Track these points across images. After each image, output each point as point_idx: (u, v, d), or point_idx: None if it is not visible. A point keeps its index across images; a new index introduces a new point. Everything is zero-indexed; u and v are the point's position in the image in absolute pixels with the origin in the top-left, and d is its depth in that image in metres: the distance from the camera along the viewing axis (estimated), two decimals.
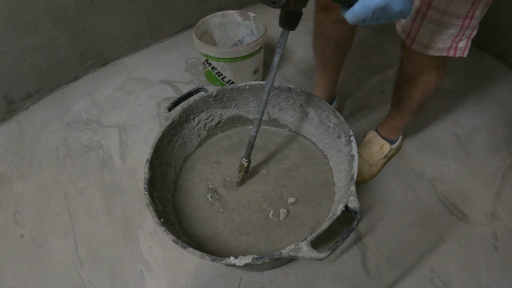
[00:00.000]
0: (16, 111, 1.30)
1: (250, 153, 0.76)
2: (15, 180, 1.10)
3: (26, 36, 1.18)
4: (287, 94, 0.86)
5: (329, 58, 0.98)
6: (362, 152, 1.02)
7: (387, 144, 1.01)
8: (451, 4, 0.61)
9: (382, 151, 1.01)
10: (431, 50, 0.69)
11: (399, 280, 0.84)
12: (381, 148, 1.01)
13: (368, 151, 1.01)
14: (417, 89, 0.82)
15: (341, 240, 0.57)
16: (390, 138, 1.02)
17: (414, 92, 0.83)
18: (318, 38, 0.94)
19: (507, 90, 1.29)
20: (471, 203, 0.98)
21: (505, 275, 0.84)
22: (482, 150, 1.10)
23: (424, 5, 0.65)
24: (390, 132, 1.01)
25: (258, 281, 0.84)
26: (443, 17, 0.64)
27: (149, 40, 1.55)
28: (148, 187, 0.68)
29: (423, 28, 0.67)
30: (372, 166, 1.00)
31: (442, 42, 0.67)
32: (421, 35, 0.68)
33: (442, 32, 0.66)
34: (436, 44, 0.68)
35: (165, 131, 0.78)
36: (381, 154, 1.01)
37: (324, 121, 0.84)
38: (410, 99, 0.85)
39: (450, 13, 0.63)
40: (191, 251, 0.58)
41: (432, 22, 0.65)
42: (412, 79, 0.80)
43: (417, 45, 0.70)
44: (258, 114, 0.69)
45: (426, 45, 0.69)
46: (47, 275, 0.89)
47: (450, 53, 0.69)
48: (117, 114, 1.27)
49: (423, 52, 0.70)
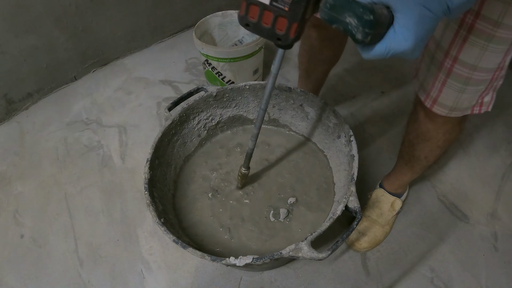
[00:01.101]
0: (16, 111, 1.30)
1: (249, 163, 0.73)
2: (15, 180, 1.10)
3: (26, 36, 1.18)
4: (287, 94, 0.86)
5: (313, 71, 0.96)
6: (371, 214, 0.91)
7: (397, 200, 0.91)
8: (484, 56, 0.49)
9: (394, 208, 0.91)
10: (456, 112, 0.58)
11: (399, 280, 0.84)
12: (392, 206, 0.91)
13: (378, 212, 0.91)
14: (436, 149, 0.71)
15: (341, 240, 0.57)
16: (399, 192, 0.93)
17: (433, 152, 0.72)
18: (305, 51, 0.92)
19: (507, 90, 1.29)
20: (471, 203, 0.98)
21: (505, 275, 0.84)
22: (482, 150, 1.10)
23: (449, 59, 0.52)
24: (400, 187, 0.91)
25: (258, 281, 0.84)
26: (472, 73, 0.52)
27: (149, 40, 1.55)
28: (148, 187, 0.68)
29: (448, 87, 0.55)
30: (384, 226, 0.90)
31: (469, 101, 0.56)
32: (445, 95, 0.57)
33: (470, 90, 0.54)
34: (462, 105, 0.57)
35: (165, 131, 0.78)
36: (392, 212, 0.91)
37: (324, 121, 0.84)
38: (427, 158, 0.75)
39: (481, 68, 0.51)
40: (191, 251, 0.58)
41: (459, 80, 0.53)
42: (431, 139, 0.69)
43: (439, 108, 0.59)
44: (255, 129, 0.64)
45: (450, 107, 0.58)
46: (47, 275, 0.89)
47: (475, 111, 0.59)
48: (117, 114, 1.27)
49: (447, 114, 0.59)
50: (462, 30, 0.49)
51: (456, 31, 0.50)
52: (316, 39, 0.85)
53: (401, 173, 0.87)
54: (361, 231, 0.88)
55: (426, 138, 0.70)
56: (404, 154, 0.81)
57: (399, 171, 0.87)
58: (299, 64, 0.98)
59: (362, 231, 0.88)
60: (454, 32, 0.50)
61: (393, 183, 0.91)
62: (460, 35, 0.50)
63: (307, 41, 0.89)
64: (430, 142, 0.70)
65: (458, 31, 0.50)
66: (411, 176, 0.85)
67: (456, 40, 0.50)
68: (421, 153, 0.74)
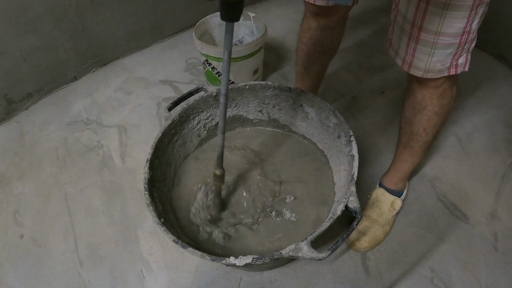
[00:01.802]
0: (16, 111, 1.30)
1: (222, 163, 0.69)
2: (15, 180, 1.10)
3: (26, 36, 1.18)
4: (287, 94, 0.86)
5: (313, 65, 0.96)
6: (371, 213, 0.91)
7: (397, 200, 0.91)
8: (444, 24, 0.56)
9: (394, 208, 0.91)
10: (431, 73, 0.65)
11: (399, 280, 0.84)
12: (392, 205, 0.91)
13: (378, 212, 0.91)
14: (433, 116, 0.74)
15: (341, 240, 0.57)
16: (399, 188, 0.93)
17: (431, 121, 0.75)
18: (304, 44, 0.91)
19: (507, 90, 1.29)
20: (471, 203, 0.98)
21: (505, 275, 0.84)
22: (482, 150, 1.10)
23: (415, 28, 0.60)
24: (400, 180, 0.91)
25: (258, 281, 0.84)
26: (437, 39, 0.59)
27: (149, 40, 1.55)
28: (148, 187, 0.68)
29: (419, 52, 0.62)
30: (384, 226, 0.90)
31: (441, 63, 0.63)
32: (417, 59, 0.64)
33: (438, 53, 0.61)
34: (435, 67, 0.63)
35: (165, 131, 0.78)
36: (392, 212, 0.91)
37: (324, 121, 0.84)
38: (426, 131, 0.77)
39: (444, 33, 0.58)
40: (191, 251, 0.58)
41: (427, 45, 0.61)
42: (428, 106, 0.72)
43: (415, 70, 0.66)
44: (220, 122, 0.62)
45: (424, 69, 0.64)
46: (47, 275, 0.89)
47: (451, 72, 0.65)
48: (117, 114, 1.27)
49: (422, 75, 0.66)
50: (422, 3, 0.57)
51: (417, 5, 0.58)
52: (316, 29, 0.86)
53: (400, 161, 0.88)
54: (361, 231, 0.88)
55: (422, 106, 0.73)
56: (403, 136, 0.83)
57: (399, 159, 0.88)
58: (297, 61, 0.98)
59: (362, 231, 0.88)
60: (415, 5, 0.58)
61: (393, 177, 0.92)
62: (420, 7, 0.58)
63: (307, 33, 0.88)
64: (426, 110, 0.73)
65: (418, 4, 0.58)
66: (412, 161, 0.86)
67: (418, 12, 0.58)
68: (419, 126, 0.77)
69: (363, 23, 1.63)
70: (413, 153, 0.84)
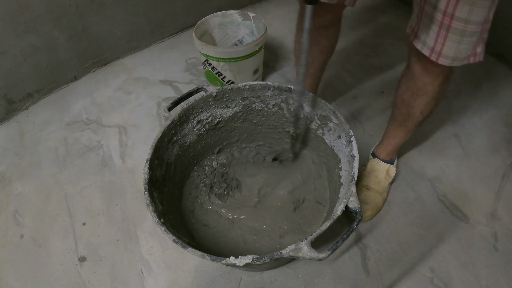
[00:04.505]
0: (16, 111, 1.30)
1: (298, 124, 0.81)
2: (15, 180, 1.09)
3: (26, 36, 1.18)
4: (287, 94, 0.86)
5: (312, 64, 0.98)
6: (368, 183, 0.96)
7: (392, 167, 0.97)
8: (473, 11, 0.60)
9: (389, 175, 0.96)
10: (457, 61, 0.68)
11: (399, 280, 0.84)
12: (387, 173, 0.96)
13: (375, 180, 0.96)
14: (431, 101, 0.79)
15: (341, 240, 0.57)
16: (391, 158, 0.99)
17: (429, 105, 0.79)
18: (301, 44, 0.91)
19: (507, 90, 1.29)
20: (471, 203, 0.98)
21: (505, 275, 0.84)
22: (482, 150, 1.10)
23: (447, 17, 0.63)
24: (392, 151, 0.97)
25: (258, 281, 0.84)
26: (466, 26, 0.63)
27: (149, 40, 1.55)
28: (148, 187, 0.68)
29: (449, 40, 0.65)
30: (382, 193, 0.96)
31: (466, 51, 0.66)
32: (447, 48, 0.67)
33: (466, 41, 0.65)
34: (461, 55, 0.67)
35: (165, 131, 0.78)
36: (388, 179, 0.96)
37: (324, 121, 0.84)
38: (423, 113, 0.82)
39: (472, 21, 0.62)
40: (191, 251, 0.58)
41: (457, 33, 0.64)
42: (428, 92, 0.77)
43: (444, 59, 0.68)
44: None
45: (452, 57, 0.68)
46: (47, 275, 0.89)
47: (471, 60, 0.68)
48: (117, 114, 1.27)
49: (450, 64, 0.69)
50: None
51: None
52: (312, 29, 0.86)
53: (394, 136, 0.93)
54: (363, 200, 0.92)
55: (423, 92, 0.77)
56: (398, 115, 0.87)
57: (392, 135, 0.93)
58: (296, 61, 1.00)
59: (364, 200, 0.92)
60: None
61: (386, 149, 0.97)
62: None
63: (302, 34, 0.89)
64: (426, 96, 0.77)
65: None
66: (405, 136, 0.91)
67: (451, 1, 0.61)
68: (417, 109, 0.81)
69: (363, 23, 1.63)
70: (407, 130, 0.89)
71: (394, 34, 1.54)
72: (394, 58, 1.43)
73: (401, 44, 0.78)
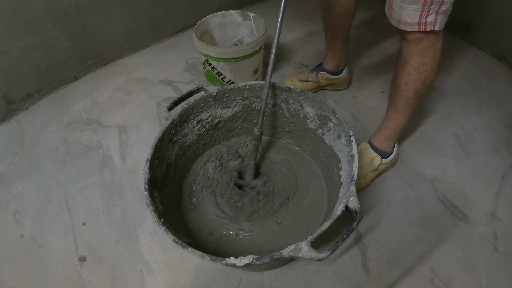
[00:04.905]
0: (16, 111, 1.30)
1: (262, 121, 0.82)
2: (15, 180, 1.10)
3: (26, 36, 1.18)
4: (287, 94, 0.86)
5: (334, 28, 1.09)
6: None
7: (377, 157, 0.98)
8: None
9: (372, 164, 0.97)
10: (402, 25, 0.76)
11: (399, 280, 0.84)
12: (371, 161, 0.98)
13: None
14: (413, 71, 0.82)
15: (341, 240, 0.57)
16: (384, 148, 0.99)
17: (411, 76, 0.83)
18: (324, 10, 1.06)
19: (507, 90, 1.29)
20: (471, 203, 0.98)
21: (505, 275, 0.84)
22: (482, 150, 1.10)
23: None
24: (385, 138, 0.98)
25: (258, 281, 0.84)
26: None
27: (149, 40, 1.55)
28: (148, 187, 0.68)
29: (394, 4, 0.75)
30: (360, 179, 0.96)
31: (409, 17, 0.73)
32: (394, 11, 0.76)
33: (406, 7, 0.73)
34: (404, 19, 0.74)
35: (165, 131, 0.78)
36: (370, 167, 0.97)
37: (324, 121, 0.84)
38: (407, 85, 0.85)
39: None
40: (191, 251, 0.58)
41: None
42: (408, 61, 0.82)
43: (393, 20, 0.78)
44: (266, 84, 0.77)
45: (397, 20, 0.76)
46: (47, 275, 0.89)
47: (421, 28, 0.74)
48: (117, 114, 1.27)
49: (396, 26, 0.77)
50: None
51: None
52: None
53: (387, 118, 0.96)
54: None
55: (404, 60, 0.83)
56: (391, 92, 0.92)
57: (386, 116, 0.97)
58: (324, 26, 1.12)
59: None
60: None
61: (379, 134, 1.00)
62: None
63: (324, 1, 1.04)
64: (407, 64, 0.82)
65: None
66: (396, 119, 0.93)
67: None
68: (401, 80, 0.85)
69: (363, 23, 1.63)
70: (397, 109, 0.91)
71: (394, 34, 1.54)
72: (394, 58, 1.43)
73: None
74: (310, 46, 1.52)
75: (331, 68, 1.22)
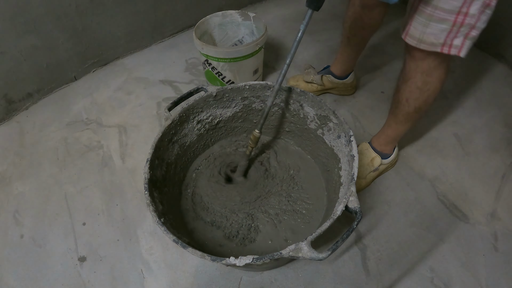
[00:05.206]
0: (16, 111, 1.30)
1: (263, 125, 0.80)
2: (15, 180, 1.09)
3: (26, 36, 1.18)
4: (287, 94, 0.86)
5: (354, 36, 1.07)
6: None
7: (378, 157, 0.98)
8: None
9: (373, 164, 0.98)
10: (423, 44, 0.70)
11: (399, 280, 0.84)
12: (371, 161, 0.98)
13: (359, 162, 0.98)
14: (415, 90, 0.80)
15: (341, 240, 0.57)
16: (383, 151, 0.99)
17: (413, 93, 0.81)
18: (348, 17, 1.03)
19: (507, 90, 1.29)
20: (471, 203, 0.98)
21: (505, 275, 0.84)
22: (482, 150, 1.10)
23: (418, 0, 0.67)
24: (385, 143, 0.98)
25: (258, 281, 0.84)
26: (434, 11, 0.65)
27: (149, 40, 1.55)
28: (148, 187, 0.68)
29: (415, 21, 0.69)
30: (360, 179, 0.97)
31: (434, 36, 0.68)
32: (413, 28, 0.70)
33: (433, 26, 0.67)
34: (428, 39, 0.69)
35: (165, 131, 0.78)
36: (371, 167, 0.98)
37: (324, 121, 0.84)
38: (408, 102, 0.83)
39: (441, 8, 0.64)
40: (191, 251, 0.58)
41: (423, 16, 0.67)
42: (411, 79, 0.79)
43: (410, 38, 0.72)
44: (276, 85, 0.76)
45: (418, 39, 0.70)
46: (47, 275, 0.89)
47: (444, 50, 0.69)
48: (117, 114, 1.27)
49: (416, 45, 0.71)
50: None
51: None
52: (358, 6, 0.97)
53: (386, 125, 0.96)
54: None
55: (408, 78, 0.80)
56: (392, 103, 0.90)
57: (386, 123, 0.96)
58: (343, 30, 1.09)
59: None
60: None
61: (379, 137, 0.99)
62: None
63: (351, 8, 1.00)
64: (410, 82, 0.80)
65: None
66: (396, 128, 0.93)
67: None
68: (403, 95, 0.83)
69: None
70: (396, 120, 0.91)
71: (394, 34, 1.54)
72: (394, 58, 1.43)
73: (401, 44, 0.78)
74: (310, 46, 1.52)
75: (337, 72, 1.21)
